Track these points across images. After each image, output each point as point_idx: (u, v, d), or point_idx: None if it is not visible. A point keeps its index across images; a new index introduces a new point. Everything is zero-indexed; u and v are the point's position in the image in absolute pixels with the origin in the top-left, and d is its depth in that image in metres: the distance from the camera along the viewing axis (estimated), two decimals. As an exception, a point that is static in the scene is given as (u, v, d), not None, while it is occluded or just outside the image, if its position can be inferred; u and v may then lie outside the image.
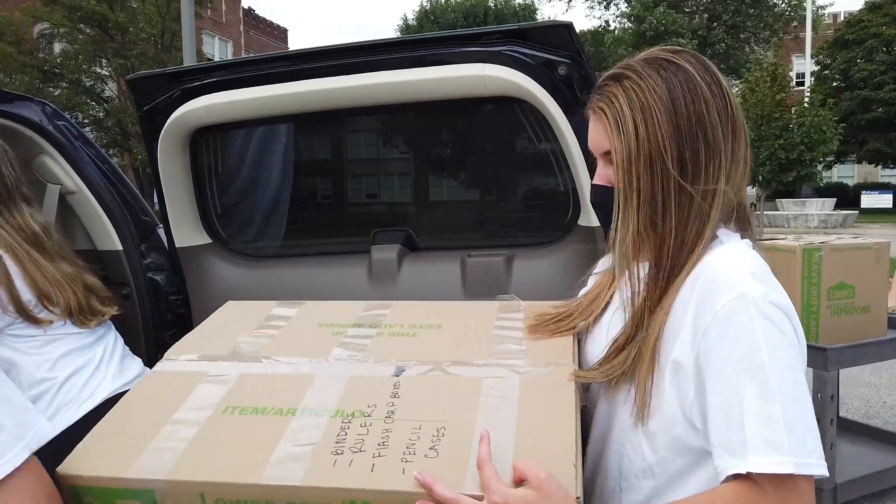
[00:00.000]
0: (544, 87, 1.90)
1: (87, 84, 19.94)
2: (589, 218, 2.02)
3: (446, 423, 1.05)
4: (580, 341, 1.30)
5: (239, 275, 2.50)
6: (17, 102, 2.37)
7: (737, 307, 0.95)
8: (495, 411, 1.08)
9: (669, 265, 1.07)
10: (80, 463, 1.04)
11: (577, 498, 0.91)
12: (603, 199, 1.15)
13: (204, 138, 2.38)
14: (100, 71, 20.49)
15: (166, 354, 1.37)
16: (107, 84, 20.70)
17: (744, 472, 0.89)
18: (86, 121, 19.13)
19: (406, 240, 2.40)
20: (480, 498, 0.91)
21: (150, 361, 2.54)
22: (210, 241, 2.52)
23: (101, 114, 20.08)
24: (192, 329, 2.50)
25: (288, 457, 1.00)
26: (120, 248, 2.50)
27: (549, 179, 2.25)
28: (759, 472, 0.88)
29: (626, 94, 1.07)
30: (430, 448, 1.00)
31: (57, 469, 1.03)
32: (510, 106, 2.10)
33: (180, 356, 1.36)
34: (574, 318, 1.31)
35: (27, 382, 1.81)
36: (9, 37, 17.89)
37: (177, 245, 2.47)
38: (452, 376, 1.20)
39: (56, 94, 18.77)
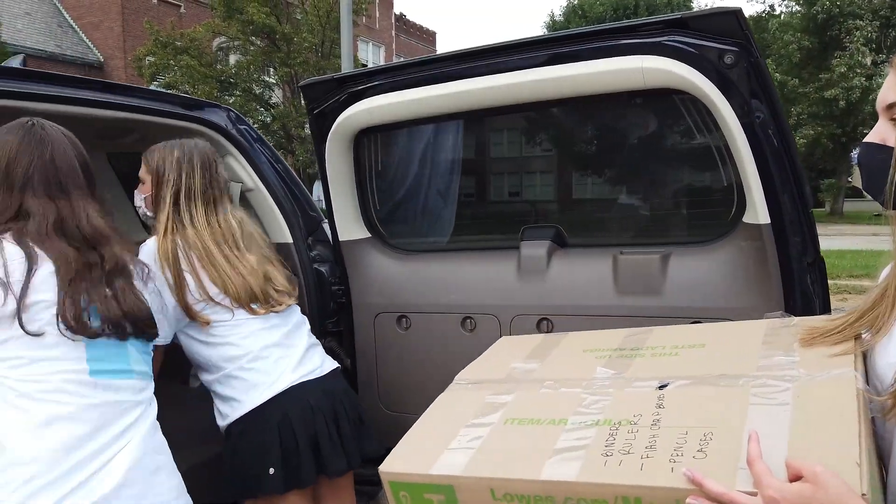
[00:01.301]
0: (709, 78, 1.82)
1: (257, 92, 21.72)
2: (756, 215, 1.90)
3: (713, 428, 1.07)
4: (864, 354, 1.17)
5: (395, 267, 2.62)
6: (206, 109, 2.65)
7: None
8: (766, 417, 1.07)
9: None
10: (395, 462, 1.24)
11: (863, 494, 0.86)
12: (870, 159, 1.05)
13: (366, 139, 2.53)
14: (267, 79, 22.27)
15: (455, 379, 1.57)
16: (273, 91, 22.44)
17: None
18: (255, 125, 20.84)
19: (556, 236, 2.39)
20: (753, 494, 0.90)
21: (313, 346, 2.74)
22: (369, 235, 2.67)
23: (268, 119, 21.83)
24: (352, 317, 2.71)
25: (563, 458, 1.10)
26: (290, 240, 2.72)
27: (711, 174, 2.15)
28: None
29: None
30: (698, 450, 1.02)
31: (379, 468, 1.23)
32: (669, 98, 2.03)
33: (466, 379, 1.57)
34: (855, 328, 1.17)
35: (220, 361, 1.96)
36: (192, 51, 19.94)
37: (340, 239, 2.64)
38: (718, 387, 1.22)
39: (231, 101, 20.62)
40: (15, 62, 2.22)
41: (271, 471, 1.88)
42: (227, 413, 1.96)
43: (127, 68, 22.85)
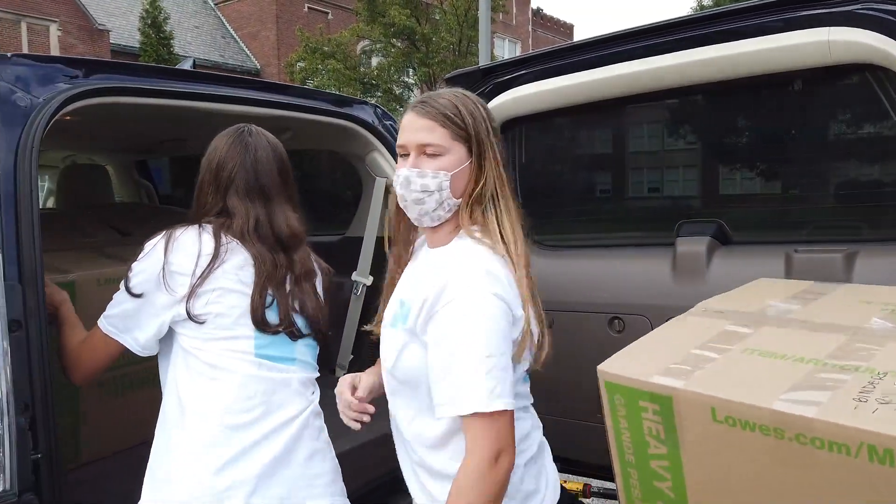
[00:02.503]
0: None
1: (397, 92, 22.41)
2: (971, 208, 1.61)
3: None
4: None
5: (538, 263, 2.50)
6: (355, 106, 2.72)
7: None
8: None
9: None
10: (617, 365, 1.23)
11: None
12: None
13: (510, 131, 2.46)
14: (407, 80, 22.91)
15: (696, 306, 1.51)
16: (413, 91, 23.07)
17: None
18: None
19: (717, 232, 2.19)
20: None
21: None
22: (511, 230, 2.59)
23: (406, 118, 22.44)
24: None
25: (803, 394, 1.02)
26: None
27: (909, 162, 1.86)
28: None
29: None
30: None
31: (598, 366, 1.23)
32: (859, 75, 1.78)
33: (710, 308, 1.50)
34: None
35: None
36: (339, 55, 20.95)
37: (481, 233, 2.59)
38: None
39: (373, 102, 21.43)
40: (186, 64, 2.39)
41: None
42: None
43: (280, 74, 24.46)
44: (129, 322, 1.45)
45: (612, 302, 2.30)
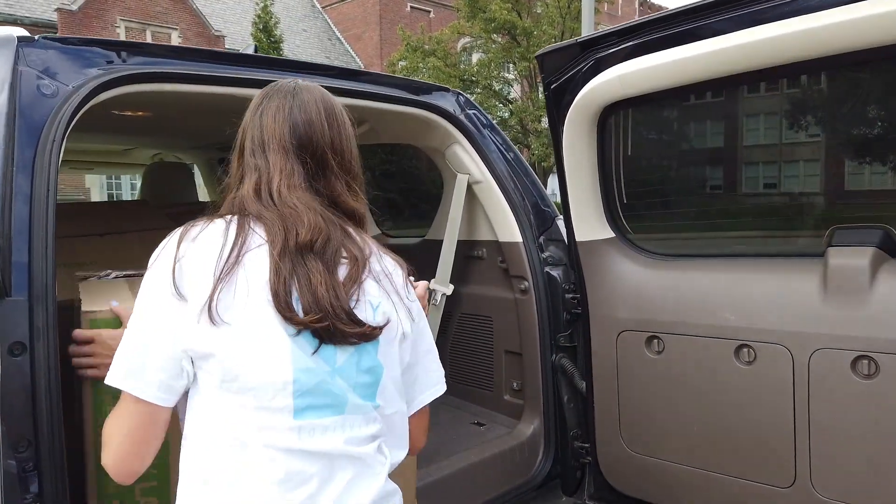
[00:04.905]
0: None
1: (496, 88, 22.09)
2: None
3: None
4: None
5: (645, 275, 2.13)
6: (434, 93, 2.41)
7: None
8: None
9: None
10: None
11: None
12: None
13: (614, 116, 2.07)
14: (507, 76, 22.54)
15: None
16: (512, 87, 22.66)
17: None
18: (493, 121, 21.27)
19: (884, 241, 1.71)
20: None
21: (543, 362, 2.37)
22: (613, 235, 2.20)
23: (506, 114, 22.10)
24: (589, 332, 2.27)
25: None
26: (519, 239, 2.38)
27: None
28: None
29: None
30: None
31: None
32: None
33: None
34: None
35: None
36: (439, 53, 20.90)
37: (577, 239, 2.22)
38: None
39: (472, 98, 21.24)
40: (249, 50, 2.18)
41: None
42: None
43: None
44: (140, 356, 1.03)
45: (740, 326, 1.86)
